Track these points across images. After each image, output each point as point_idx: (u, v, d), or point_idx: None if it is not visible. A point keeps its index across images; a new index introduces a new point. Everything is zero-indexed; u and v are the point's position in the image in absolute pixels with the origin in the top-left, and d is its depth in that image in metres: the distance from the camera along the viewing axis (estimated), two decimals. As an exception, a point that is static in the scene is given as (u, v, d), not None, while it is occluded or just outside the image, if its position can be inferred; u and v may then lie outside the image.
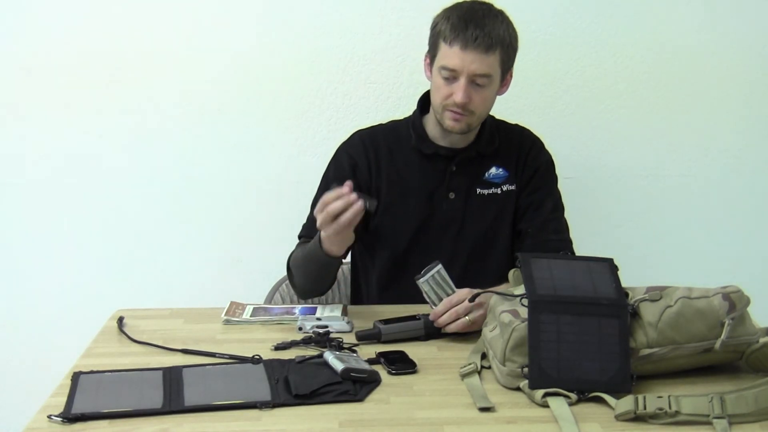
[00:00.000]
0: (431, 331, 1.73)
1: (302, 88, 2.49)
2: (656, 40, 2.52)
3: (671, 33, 2.52)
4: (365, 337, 1.72)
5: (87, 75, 2.45)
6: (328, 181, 2.04)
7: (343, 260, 2.08)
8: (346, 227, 1.71)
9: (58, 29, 2.43)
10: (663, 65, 2.54)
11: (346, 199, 1.67)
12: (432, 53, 1.91)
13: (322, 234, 1.77)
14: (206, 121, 2.50)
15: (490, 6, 1.89)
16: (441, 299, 1.73)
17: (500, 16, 1.87)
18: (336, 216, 1.68)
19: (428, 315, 1.74)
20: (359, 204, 1.67)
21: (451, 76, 1.85)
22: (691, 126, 2.58)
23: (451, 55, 1.84)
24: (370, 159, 2.01)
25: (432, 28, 1.91)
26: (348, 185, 1.68)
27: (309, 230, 2.03)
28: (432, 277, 1.74)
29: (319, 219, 1.71)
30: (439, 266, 1.75)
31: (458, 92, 1.85)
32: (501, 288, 1.74)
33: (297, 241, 2.05)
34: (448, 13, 1.87)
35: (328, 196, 1.69)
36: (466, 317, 1.71)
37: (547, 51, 2.50)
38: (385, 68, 2.49)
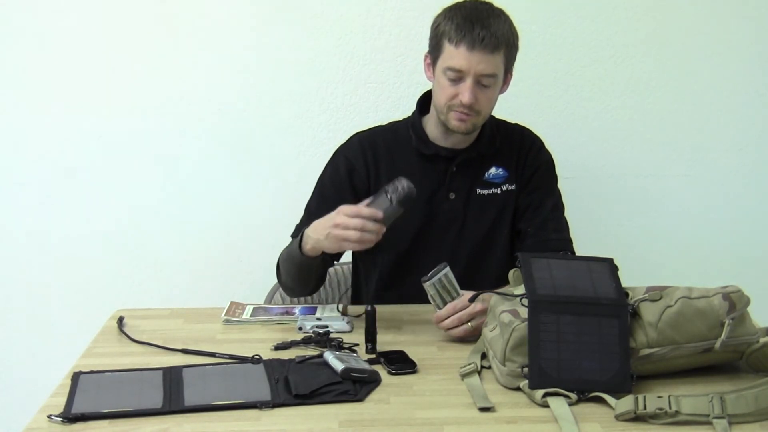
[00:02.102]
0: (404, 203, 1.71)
1: (302, 89, 2.49)
2: (656, 40, 2.52)
3: (671, 33, 2.52)
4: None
5: (87, 76, 2.46)
6: (324, 185, 2.04)
7: (339, 261, 2.09)
8: (341, 243, 1.73)
9: (58, 29, 2.43)
10: (663, 65, 2.54)
11: (372, 228, 1.70)
12: (435, 54, 1.90)
13: (324, 231, 1.75)
14: (206, 122, 2.50)
15: (492, 5, 1.88)
16: (446, 302, 1.73)
17: (502, 16, 1.87)
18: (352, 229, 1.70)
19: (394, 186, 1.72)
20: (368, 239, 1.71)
21: (457, 76, 1.85)
22: (691, 126, 2.58)
23: (457, 55, 1.83)
24: (369, 162, 2.01)
25: (433, 29, 1.90)
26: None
27: (300, 232, 2.03)
28: (438, 280, 1.73)
29: (344, 220, 1.70)
30: (447, 269, 1.74)
31: (465, 93, 1.85)
32: (502, 290, 1.75)
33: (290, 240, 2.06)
34: (450, 14, 1.86)
35: (368, 218, 1.70)
36: (469, 323, 1.71)
37: (547, 51, 2.50)
38: (385, 68, 2.49)
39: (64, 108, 2.47)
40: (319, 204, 2.03)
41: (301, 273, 1.90)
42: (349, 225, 1.70)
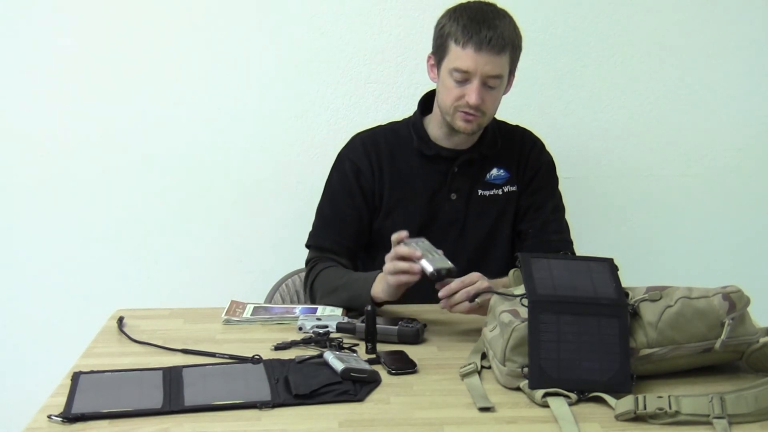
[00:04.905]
0: (405, 340, 1.71)
1: (302, 88, 2.49)
2: (656, 40, 2.52)
3: (671, 33, 2.52)
4: (342, 329, 1.74)
5: (87, 76, 2.46)
6: (334, 190, 2.04)
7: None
8: (397, 286, 1.76)
9: (58, 29, 2.43)
10: (663, 65, 2.54)
11: (409, 265, 1.72)
12: (440, 55, 1.90)
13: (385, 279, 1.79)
14: (206, 122, 2.50)
15: (496, 6, 1.90)
16: (433, 255, 1.73)
17: (507, 17, 1.89)
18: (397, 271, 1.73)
19: (409, 323, 1.72)
20: (417, 270, 1.71)
21: (464, 78, 1.85)
22: (691, 126, 2.58)
23: (464, 57, 1.84)
24: (372, 162, 2.01)
25: (438, 29, 1.91)
26: (417, 255, 1.72)
27: (317, 239, 2.03)
28: (415, 243, 1.76)
29: (389, 267, 1.74)
30: (422, 238, 1.78)
31: (472, 94, 1.85)
32: (502, 282, 1.74)
33: (304, 248, 2.05)
34: (456, 14, 1.87)
35: (402, 250, 1.73)
36: (476, 300, 1.70)
37: (547, 51, 2.50)
38: (385, 68, 2.49)
39: (64, 107, 2.47)
40: (333, 208, 2.03)
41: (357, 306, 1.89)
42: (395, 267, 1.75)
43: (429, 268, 1.70)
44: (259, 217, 2.55)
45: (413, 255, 1.72)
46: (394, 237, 1.78)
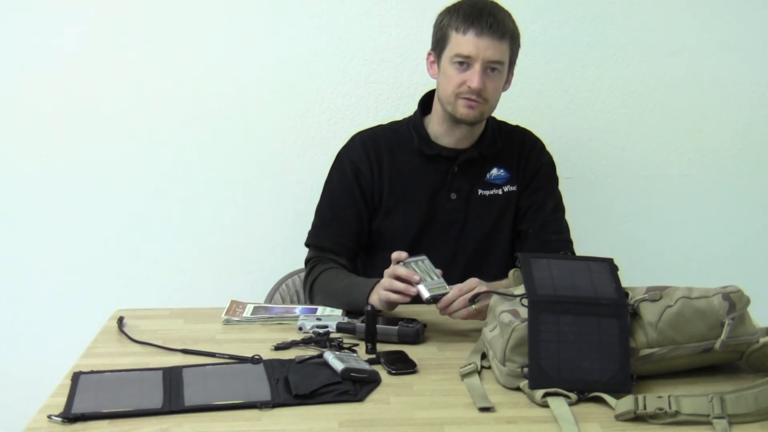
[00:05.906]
0: (405, 340, 1.71)
1: (302, 89, 2.49)
2: (656, 40, 2.52)
3: (671, 33, 2.52)
4: (342, 329, 1.74)
5: (88, 75, 2.46)
6: (333, 189, 2.05)
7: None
8: (388, 302, 1.78)
9: (59, 30, 2.43)
10: (663, 65, 2.54)
11: (405, 287, 1.73)
12: (440, 47, 1.93)
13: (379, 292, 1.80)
14: (206, 122, 2.50)
15: (495, 2, 1.92)
16: (431, 278, 1.74)
17: (506, 11, 1.92)
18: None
19: (409, 323, 1.73)
20: (412, 293, 1.73)
21: (466, 62, 1.87)
22: (691, 126, 2.58)
23: (465, 42, 1.86)
24: (372, 161, 2.01)
25: (437, 24, 1.94)
26: (417, 278, 1.73)
27: (316, 238, 2.03)
28: (415, 263, 1.76)
29: (386, 283, 1.76)
30: (423, 257, 1.78)
31: (474, 78, 1.86)
32: (501, 284, 1.74)
33: (304, 248, 2.05)
34: (455, 8, 1.91)
35: (401, 271, 1.74)
36: (473, 306, 1.71)
37: (547, 51, 2.50)
38: (385, 68, 2.49)
39: (64, 108, 2.47)
40: (332, 208, 2.04)
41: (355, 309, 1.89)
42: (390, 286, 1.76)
43: (426, 294, 1.72)
44: (259, 217, 2.55)
45: (411, 278, 1.73)
46: (395, 256, 1.78)
